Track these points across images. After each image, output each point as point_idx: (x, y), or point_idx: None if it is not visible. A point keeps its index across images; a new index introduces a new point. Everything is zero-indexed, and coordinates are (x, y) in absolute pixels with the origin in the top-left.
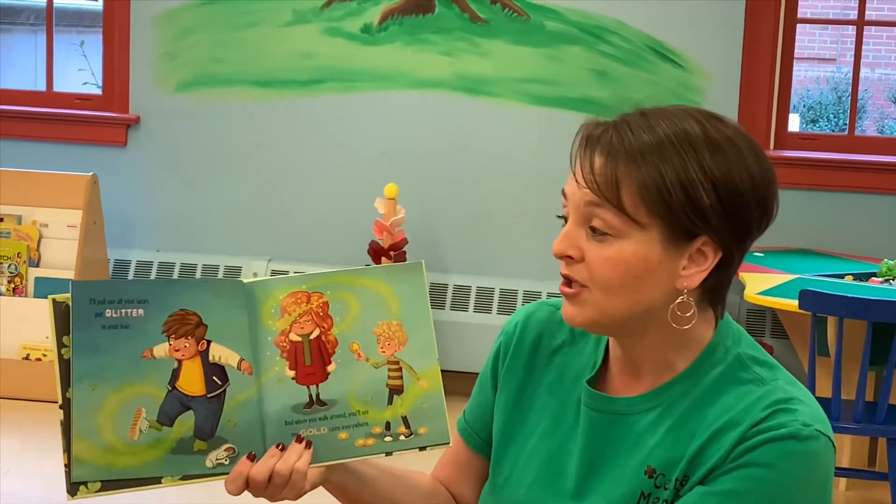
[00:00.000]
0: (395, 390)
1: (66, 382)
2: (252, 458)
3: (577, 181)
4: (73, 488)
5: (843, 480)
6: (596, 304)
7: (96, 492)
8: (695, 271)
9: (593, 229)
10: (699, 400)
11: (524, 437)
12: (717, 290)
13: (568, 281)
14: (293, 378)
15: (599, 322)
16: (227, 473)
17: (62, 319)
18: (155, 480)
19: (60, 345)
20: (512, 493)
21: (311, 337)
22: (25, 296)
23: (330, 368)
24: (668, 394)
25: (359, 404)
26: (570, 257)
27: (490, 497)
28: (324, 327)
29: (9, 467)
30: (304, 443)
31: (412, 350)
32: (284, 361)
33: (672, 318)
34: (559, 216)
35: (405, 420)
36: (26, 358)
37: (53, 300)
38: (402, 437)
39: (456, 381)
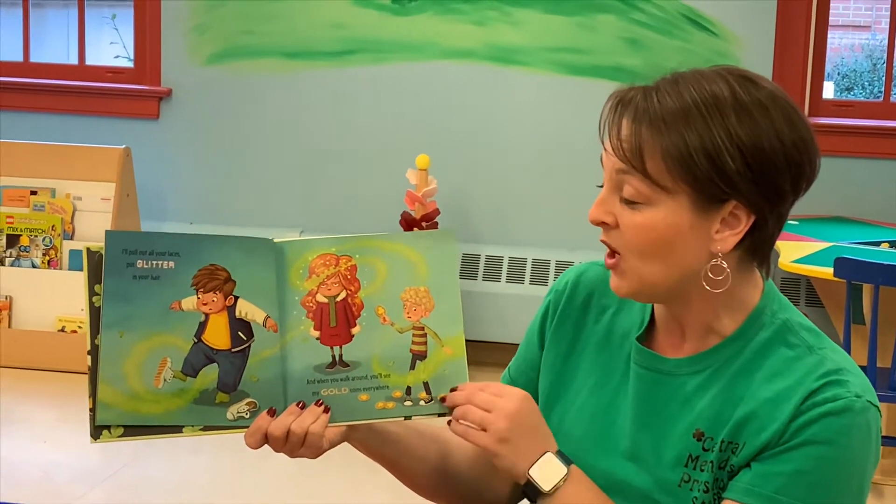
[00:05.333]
0: (419, 356)
1: (95, 329)
2: (272, 413)
3: (605, 149)
4: (96, 431)
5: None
6: (634, 273)
7: (119, 436)
8: (728, 234)
9: (624, 198)
10: (747, 363)
11: (573, 393)
12: (757, 251)
13: (610, 251)
14: (317, 338)
15: (642, 291)
16: (247, 427)
17: (95, 268)
18: (176, 429)
19: (92, 293)
20: (560, 449)
21: (338, 299)
22: (60, 268)
23: (354, 331)
24: (716, 357)
25: (381, 367)
26: (605, 224)
27: None
28: (350, 290)
29: (46, 437)
30: (322, 406)
31: (438, 317)
32: (310, 321)
33: (705, 280)
34: (599, 186)
35: (426, 385)
36: (62, 330)
37: (88, 249)
38: (422, 403)
39: (489, 352)
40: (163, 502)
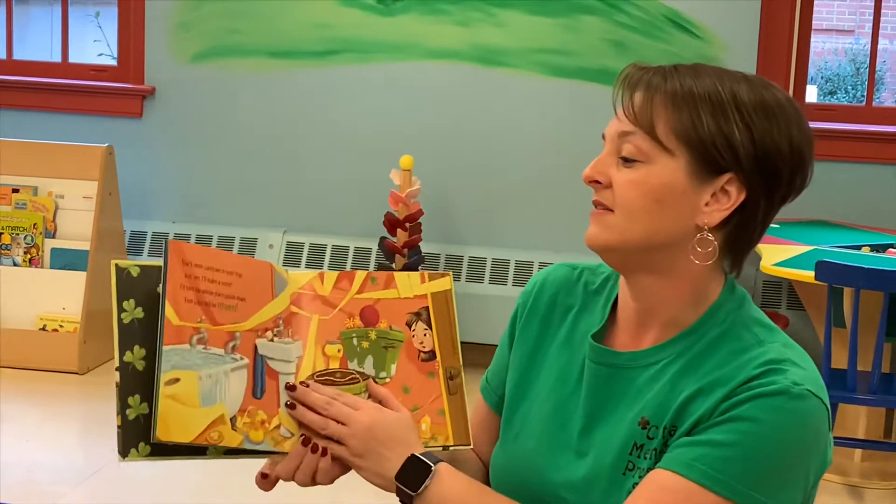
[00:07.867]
0: None
1: (123, 346)
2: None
3: (616, 116)
4: (125, 449)
5: (858, 452)
6: (617, 228)
7: (146, 455)
8: (716, 209)
9: (624, 158)
10: (697, 356)
11: (536, 391)
12: (735, 244)
13: (599, 208)
14: None
15: (617, 247)
16: (268, 452)
17: (123, 285)
18: (201, 451)
19: (120, 309)
20: (522, 446)
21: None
22: (42, 267)
23: None
24: (670, 349)
25: None
26: (598, 183)
27: (501, 452)
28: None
29: (29, 437)
30: (319, 451)
31: None
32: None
33: (692, 253)
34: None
35: None
36: (43, 328)
37: (116, 265)
38: None
39: (471, 353)
40: (146, 502)
